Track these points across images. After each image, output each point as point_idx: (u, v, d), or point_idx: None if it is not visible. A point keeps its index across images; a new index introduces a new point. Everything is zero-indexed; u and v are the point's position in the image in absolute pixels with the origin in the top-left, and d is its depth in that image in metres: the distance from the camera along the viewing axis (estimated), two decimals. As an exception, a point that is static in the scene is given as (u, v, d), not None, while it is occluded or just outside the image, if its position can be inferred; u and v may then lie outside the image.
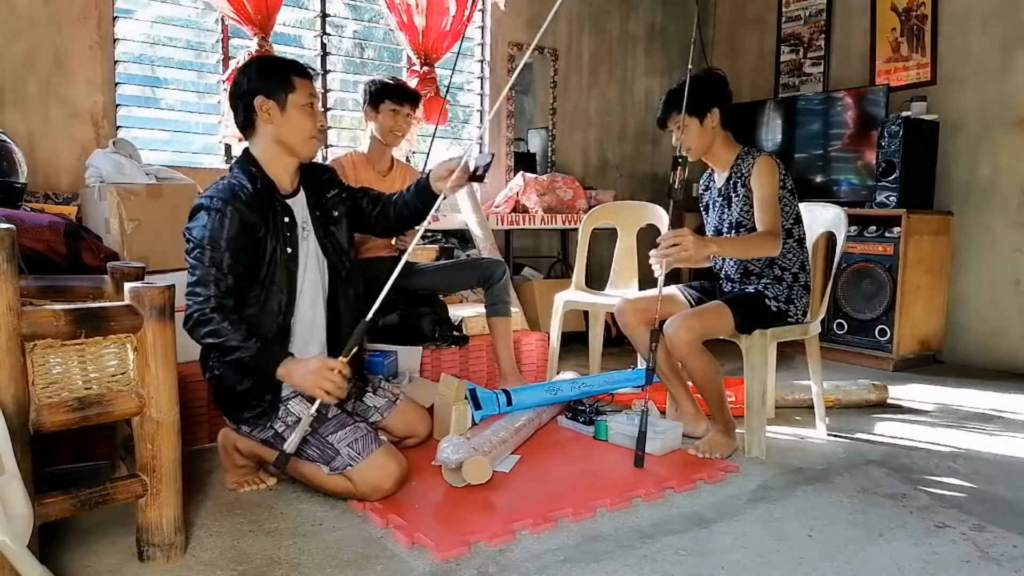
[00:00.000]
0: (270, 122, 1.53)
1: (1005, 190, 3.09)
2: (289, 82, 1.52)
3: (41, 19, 2.45)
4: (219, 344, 1.43)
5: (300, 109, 1.53)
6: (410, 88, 2.38)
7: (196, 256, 1.44)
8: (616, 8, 3.92)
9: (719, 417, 1.92)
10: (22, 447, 1.09)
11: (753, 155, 1.92)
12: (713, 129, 1.93)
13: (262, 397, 1.52)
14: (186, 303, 1.44)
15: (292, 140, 1.54)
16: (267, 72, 1.54)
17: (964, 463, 1.91)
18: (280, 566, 1.29)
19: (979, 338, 3.17)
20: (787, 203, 1.92)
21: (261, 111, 1.52)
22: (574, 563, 1.32)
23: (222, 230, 1.43)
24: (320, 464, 1.50)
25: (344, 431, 1.51)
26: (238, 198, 1.46)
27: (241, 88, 1.53)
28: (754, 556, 1.36)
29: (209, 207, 1.44)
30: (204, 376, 1.60)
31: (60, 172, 2.49)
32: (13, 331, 1.08)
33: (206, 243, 1.43)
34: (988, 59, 3.11)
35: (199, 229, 1.44)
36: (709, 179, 2.10)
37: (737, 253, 1.94)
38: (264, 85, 1.52)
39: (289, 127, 1.53)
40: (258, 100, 1.51)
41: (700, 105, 1.89)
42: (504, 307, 2.31)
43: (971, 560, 1.36)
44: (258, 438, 1.57)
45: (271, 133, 1.54)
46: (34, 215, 1.86)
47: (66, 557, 1.30)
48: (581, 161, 3.89)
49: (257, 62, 1.59)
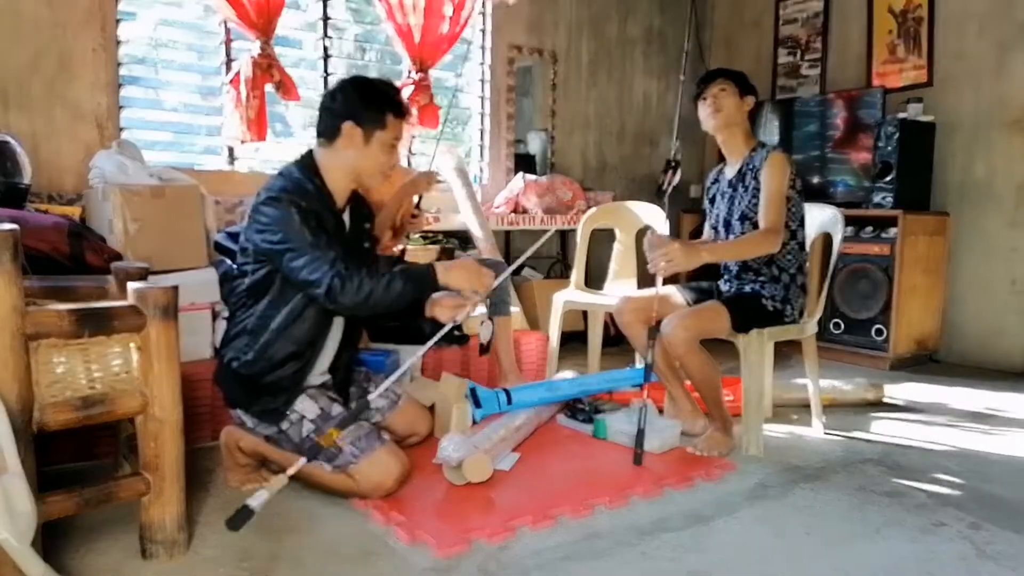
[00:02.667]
0: (350, 147, 1.53)
1: (1001, 190, 3.10)
2: (383, 119, 1.53)
3: (45, 22, 2.46)
4: (369, 294, 1.42)
5: (383, 146, 1.55)
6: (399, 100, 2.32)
7: (297, 234, 1.43)
8: (615, 11, 3.94)
9: (717, 415, 1.93)
10: (26, 445, 1.10)
11: (768, 149, 1.94)
12: (745, 111, 1.97)
13: (278, 394, 1.53)
14: (313, 286, 1.42)
15: (363, 171, 1.57)
16: (366, 100, 1.53)
17: (960, 462, 1.92)
18: (282, 563, 1.30)
19: (975, 337, 3.18)
20: (795, 204, 1.93)
21: (345, 134, 1.52)
22: (573, 560, 1.33)
23: (302, 214, 1.44)
24: (322, 461, 1.52)
25: (347, 429, 1.52)
26: (307, 194, 1.49)
27: (335, 105, 1.54)
28: (752, 553, 1.38)
29: (281, 199, 1.45)
30: (224, 361, 1.56)
31: (64, 173, 2.50)
32: (17, 331, 1.09)
33: (298, 222, 1.43)
34: (984, 61, 3.13)
35: (283, 214, 1.43)
36: (719, 173, 2.11)
37: (733, 256, 1.95)
38: (358, 112, 1.52)
39: (366, 160, 1.55)
40: (347, 124, 1.52)
41: (744, 84, 1.96)
42: (504, 307, 2.32)
43: (967, 558, 1.37)
44: (262, 433, 1.58)
45: (347, 157, 1.54)
46: (38, 216, 1.88)
47: (69, 555, 1.31)
48: (580, 163, 3.91)
49: (359, 86, 1.57)
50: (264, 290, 1.53)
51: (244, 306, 1.56)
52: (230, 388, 1.58)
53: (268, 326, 1.52)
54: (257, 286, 1.54)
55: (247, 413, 1.56)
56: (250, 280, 1.54)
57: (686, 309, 1.93)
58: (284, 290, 1.52)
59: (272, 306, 1.52)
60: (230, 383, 1.58)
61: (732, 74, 1.98)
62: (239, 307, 1.57)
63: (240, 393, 1.56)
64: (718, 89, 1.95)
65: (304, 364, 1.55)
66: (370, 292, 1.43)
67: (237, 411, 1.59)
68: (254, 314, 1.53)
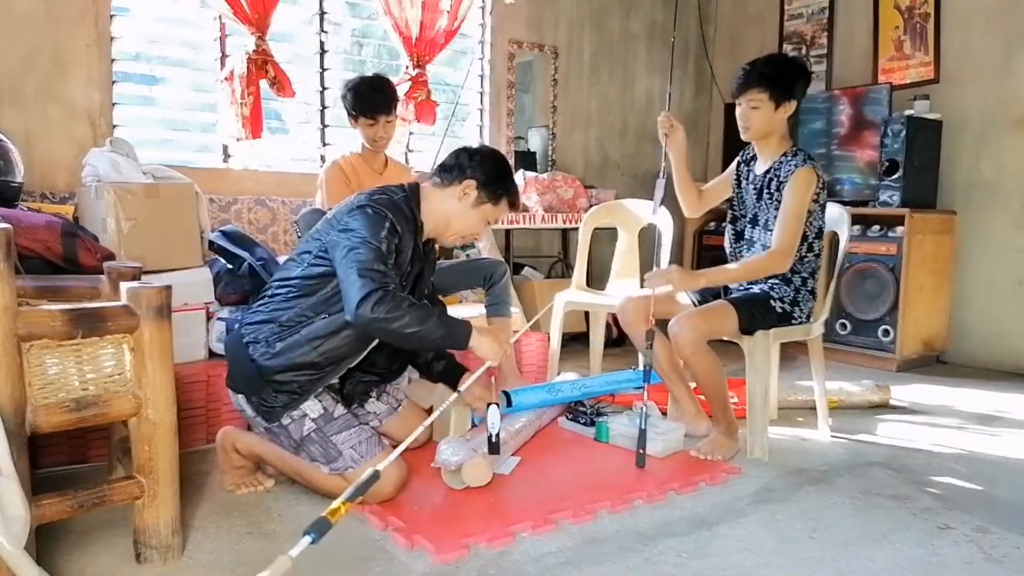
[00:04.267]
0: (458, 201, 1.61)
1: (1008, 189, 3.07)
2: (499, 199, 1.63)
3: (39, 18, 2.44)
4: (396, 317, 1.39)
5: (482, 217, 1.64)
6: (381, 96, 2.24)
7: (369, 243, 1.44)
8: (617, 6, 3.91)
9: (721, 418, 1.90)
10: (18, 448, 1.08)
11: (799, 160, 1.86)
12: (782, 117, 1.87)
13: (281, 395, 1.49)
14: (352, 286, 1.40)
15: (453, 226, 1.63)
16: (497, 175, 1.62)
17: (967, 464, 1.90)
18: (278, 569, 1.28)
19: (983, 338, 3.16)
20: (816, 216, 1.89)
21: (463, 188, 1.60)
22: (574, 565, 1.31)
23: (394, 239, 1.49)
24: (320, 464, 1.50)
25: (349, 432, 1.51)
26: (403, 218, 1.53)
27: (469, 161, 1.61)
28: (756, 558, 1.35)
29: (388, 220, 1.49)
30: (243, 340, 1.52)
31: (57, 171, 2.48)
32: (9, 331, 1.08)
33: (380, 239, 1.46)
34: (991, 57, 3.09)
35: (372, 231, 1.46)
36: (752, 159, 2.02)
37: (734, 281, 1.89)
38: (487, 179, 1.60)
39: (464, 218, 1.63)
40: (470, 182, 1.60)
41: (784, 89, 1.83)
42: (504, 307, 2.30)
43: (974, 562, 1.35)
44: (262, 425, 1.54)
45: (451, 209, 1.61)
46: (31, 215, 1.85)
47: (63, 559, 1.29)
48: (582, 160, 3.88)
49: (499, 161, 1.66)
50: (313, 290, 1.51)
51: (286, 296, 1.52)
52: (240, 369, 1.52)
53: (301, 328, 1.50)
54: (309, 280, 1.51)
55: (247, 401, 1.53)
56: (303, 271, 1.52)
57: (694, 309, 1.91)
58: (329, 302, 1.50)
59: (313, 310, 1.50)
60: (241, 364, 1.52)
61: (769, 80, 1.81)
62: (280, 293, 1.53)
63: (248, 379, 1.50)
64: (748, 105, 1.85)
65: (321, 377, 1.52)
66: (398, 318, 1.40)
67: (238, 397, 1.55)
68: (294, 308, 1.50)
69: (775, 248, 1.82)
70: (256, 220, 2.78)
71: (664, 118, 2.01)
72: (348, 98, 2.24)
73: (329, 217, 1.58)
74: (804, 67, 1.93)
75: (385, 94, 2.26)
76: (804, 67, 1.93)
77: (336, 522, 1.18)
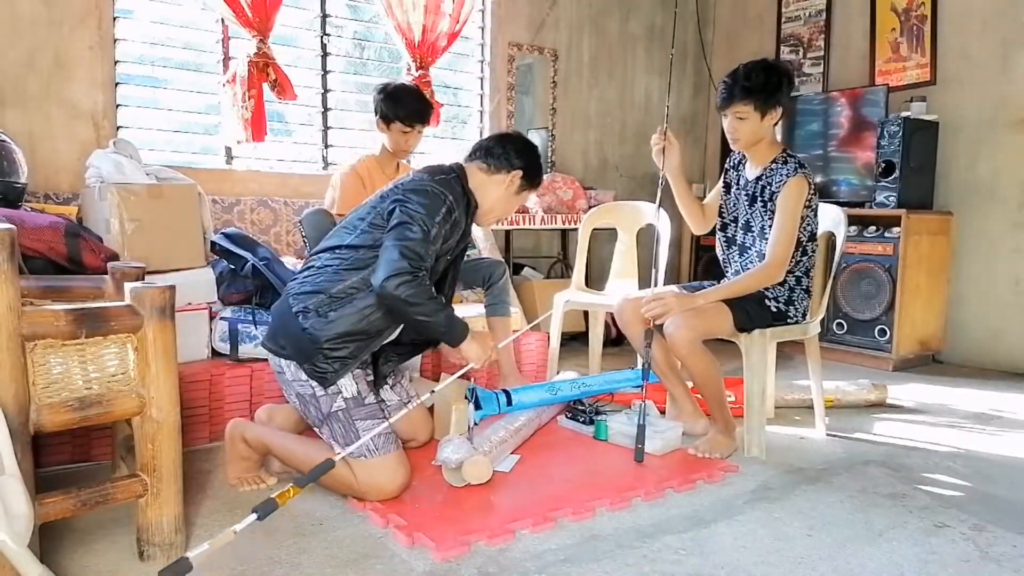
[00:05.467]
0: (504, 188, 1.71)
1: (1005, 190, 3.09)
2: (534, 184, 1.76)
3: (42, 20, 2.45)
4: (415, 303, 1.48)
5: (517, 202, 1.77)
6: (420, 105, 2.27)
7: (422, 224, 1.51)
8: (616, 8, 3.93)
9: (719, 417, 1.92)
10: (22, 447, 1.09)
11: (789, 168, 1.86)
12: (769, 125, 1.88)
13: (333, 361, 1.51)
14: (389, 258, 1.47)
15: (495, 210, 1.74)
16: (538, 168, 1.75)
17: (963, 463, 1.91)
18: (280, 566, 1.29)
19: (979, 338, 3.17)
20: (808, 221, 1.90)
21: (510, 178, 1.71)
22: (574, 563, 1.32)
23: (447, 224, 1.57)
24: (335, 443, 1.51)
25: (373, 422, 1.52)
26: (462, 204, 1.62)
27: (516, 153, 1.71)
28: (754, 556, 1.37)
29: (447, 203, 1.57)
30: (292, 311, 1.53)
31: (60, 172, 2.49)
32: (14, 331, 1.09)
33: (434, 223, 1.53)
34: (988, 59, 3.11)
35: (430, 207, 1.53)
36: (741, 163, 2.03)
37: (730, 296, 1.88)
38: (530, 171, 1.73)
39: (507, 204, 1.75)
40: (516, 174, 1.71)
41: (767, 99, 1.83)
42: (504, 307, 2.31)
43: (971, 560, 1.36)
44: (294, 390, 1.56)
45: (498, 195, 1.72)
46: (35, 215, 1.87)
47: (66, 557, 1.30)
48: (581, 161, 3.90)
49: (535, 151, 1.76)
50: (364, 263, 1.54)
51: (337, 268, 1.55)
52: (289, 338, 1.53)
53: (352, 300, 1.53)
54: (358, 250, 1.55)
55: (300, 367, 1.53)
56: (355, 239, 1.56)
57: (690, 309, 1.92)
58: None
59: (364, 283, 1.53)
60: (291, 334, 1.53)
61: (751, 92, 1.81)
62: (332, 264, 1.56)
63: (300, 347, 1.52)
64: (734, 117, 1.86)
65: (369, 343, 1.57)
66: (416, 304, 1.49)
67: (280, 361, 1.56)
68: (345, 281, 1.53)
69: (769, 261, 1.84)
70: (258, 221, 2.79)
71: (658, 135, 1.96)
72: (386, 102, 2.23)
73: (388, 190, 1.62)
74: (784, 71, 1.87)
75: (426, 105, 2.30)
76: (784, 71, 1.87)
77: (283, 504, 1.23)
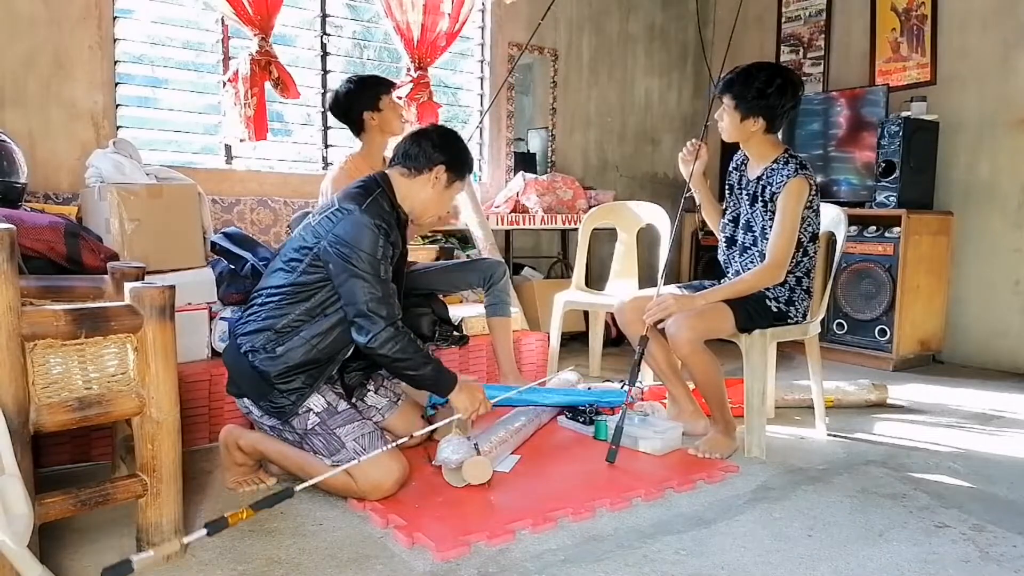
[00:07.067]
0: (431, 187, 1.66)
1: (1005, 190, 3.09)
2: (465, 175, 1.71)
3: (41, 19, 2.45)
4: (402, 359, 1.52)
5: (454, 195, 1.73)
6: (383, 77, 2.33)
7: (372, 273, 1.50)
8: (616, 8, 3.92)
9: (719, 417, 1.92)
10: (22, 447, 1.09)
11: (790, 168, 1.86)
12: (752, 132, 1.91)
13: (290, 393, 1.52)
14: (366, 321, 1.49)
15: (430, 210, 1.69)
16: (461, 155, 1.69)
17: (964, 463, 1.91)
18: (280, 566, 1.29)
19: (979, 338, 3.17)
20: (809, 222, 1.90)
21: (434, 174, 1.65)
22: (574, 563, 1.32)
23: (389, 249, 1.54)
24: (323, 456, 1.51)
25: (352, 426, 1.53)
26: (391, 222, 1.56)
27: (433, 149, 1.65)
28: (754, 556, 1.36)
29: (378, 227, 1.52)
30: (240, 351, 1.54)
31: (60, 172, 2.49)
32: (13, 331, 1.08)
33: (380, 260, 1.51)
34: (988, 59, 3.11)
35: (371, 246, 1.50)
36: (744, 163, 2.05)
37: (730, 296, 1.88)
38: (453, 161, 1.66)
39: (439, 202, 1.69)
40: (439, 169, 1.64)
41: (749, 104, 1.86)
42: (504, 307, 2.31)
43: (971, 560, 1.36)
44: (265, 424, 1.58)
45: (427, 196, 1.66)
46: (34, 215, 1.86)
47: (66, 557, 1.30)
48: (581, 161, 3.89)
49: (457, 139, 1.72)
50: (307, 296, 1.53)
51: (279, 303, 1.54)
52: (242, 378, 1.55)
53: (298, 332, 1.52)
54: (302, 288, 1.53)
55: (255, 404, 1.55)
56: (296, 279, 1.54)
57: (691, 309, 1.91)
58: (325, 304, 1.54)
59: (309, 314, 1.53)
60: (243, 373, 1.55)
61: (737, 95, 1.86)
62: (272, 300, 1.55)
63: (252, 385, 1.54)
64: (720, 107, 1.93)
65: (322, 370, 1.56)
66: (403, 360, 1.53)
67: (244, 400, 1.58)
68: (287, 315, 1.53)
69: (769, 262, 1.84)
70: (258, 221, 2.79)
71: (691, 147, 2.03)
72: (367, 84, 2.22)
73: (314, 223, 1.57)
74: (785, 87, 1.83)
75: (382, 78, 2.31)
76: (785, 87, 1.83)
77: (233, 524, 1.23)
